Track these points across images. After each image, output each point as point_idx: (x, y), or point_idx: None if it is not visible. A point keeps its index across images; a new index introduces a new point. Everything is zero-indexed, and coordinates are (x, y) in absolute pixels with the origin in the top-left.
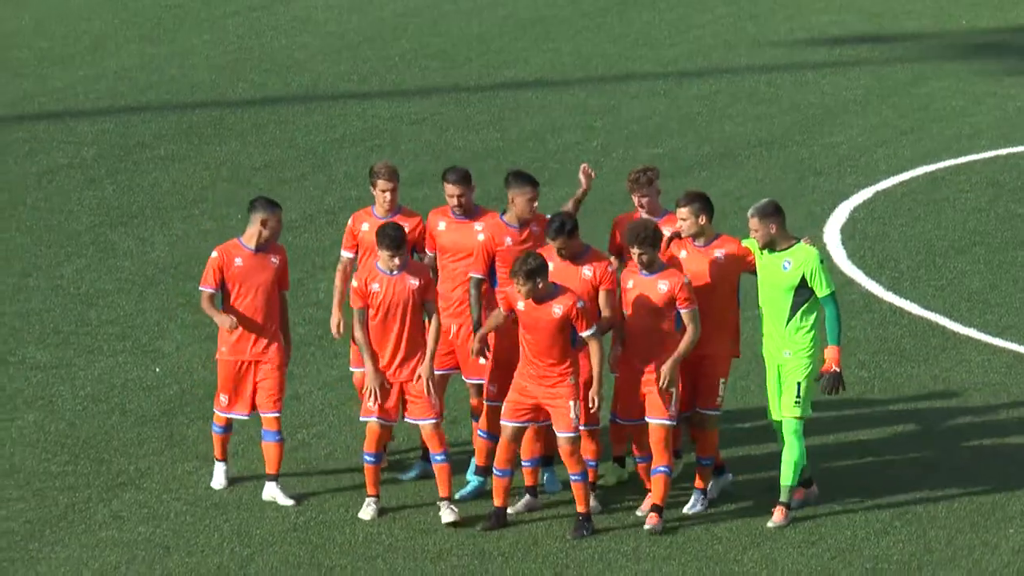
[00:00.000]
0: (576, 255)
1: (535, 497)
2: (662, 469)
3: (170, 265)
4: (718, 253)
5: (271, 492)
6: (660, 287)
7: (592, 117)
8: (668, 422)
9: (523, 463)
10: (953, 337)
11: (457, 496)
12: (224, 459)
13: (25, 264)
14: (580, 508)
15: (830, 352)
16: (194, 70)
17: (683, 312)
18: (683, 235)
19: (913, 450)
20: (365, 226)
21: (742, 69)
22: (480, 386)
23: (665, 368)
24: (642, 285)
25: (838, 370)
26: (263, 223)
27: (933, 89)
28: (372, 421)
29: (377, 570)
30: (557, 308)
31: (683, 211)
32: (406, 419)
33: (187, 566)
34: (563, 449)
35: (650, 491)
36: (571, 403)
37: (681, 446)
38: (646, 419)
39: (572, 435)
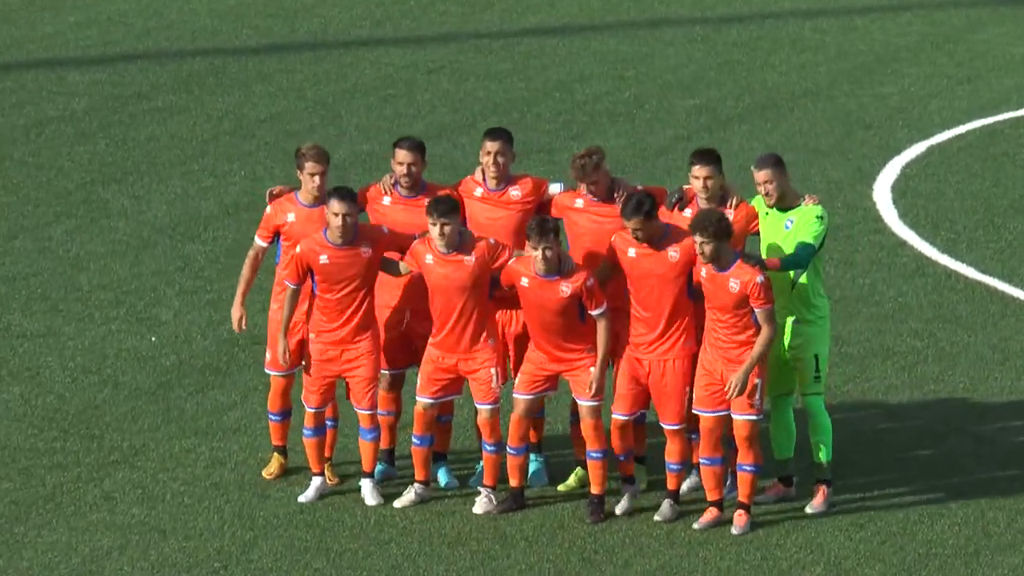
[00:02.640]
0: (656, 237)
1: (634, 484)
2: (749, 468)
3: (167, 226)
4: (728, 216)
5: (364, 488)
6: (732, 286)
7: (623, 66)
8: (754, 417)
9: (622, 457)
10: (1013, 303)
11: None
12: (321, 472)
13: (11, 225)
14: (595, 489)
15: (771, 260)
16: (194, 15)
17: (758, 311)
18: (704, 196)
19: (970, 424)
20: (291, 216)
21: (785, 14)
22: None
23: (735, 379)
24: (711, 281)
25: (763, 264)
26: (337, 215)
27: (991, 35)
28: (418, 401)
29: (390, 555)
30: (565, 287)
31: (707, 170)
32: (476, 404)
33: (184, 551)
34: (585, 422)
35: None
36: (592, 369)
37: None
38: (732, 414)
39: (596, 404)
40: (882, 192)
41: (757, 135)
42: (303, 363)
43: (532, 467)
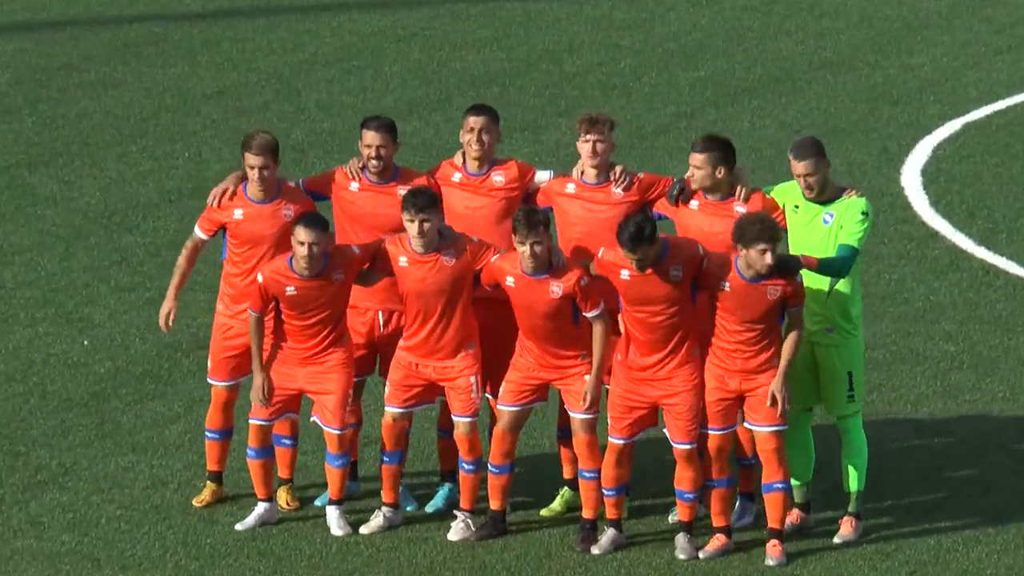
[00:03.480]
0: (657, 258)
1: (621, 531)
2: (779, 486)
3: (102, 214)
4: (739, 209)
5: (330, 516)
6: (771, 292)
7: (618, 33)
8: (782, 428)
9: (607, 492)
10: None
11: (428, 509)
12: (268, 497)
13: None
14: (587, 513)
15: (808, 258)
16: None
17: (792, 311)
18: (694, 187)
19: (1010, 439)
20: (237, 213)
21: None
22: None
23: (777, 390)
24: (743, 291)
25: (800, 261)
26: (303, 244)
27: None
28: (387, 412)
29: None
30: (556, 287)
31: (698, 159)
32: (453, 416)
33: None
34: (579, 438)
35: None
36: (587, 377)
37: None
38: (751, 426)
39: (591, 417)
40: (911, 176)
41: (770, 112)
42: (265, 389)
43: (443, 493)
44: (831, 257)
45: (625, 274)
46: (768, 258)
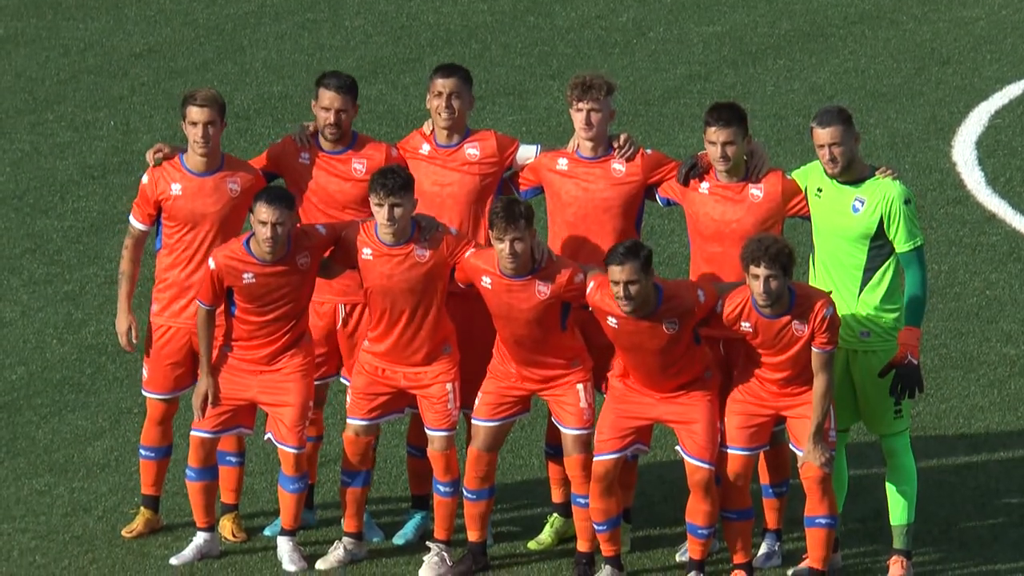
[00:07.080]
0: (647, 301)
1: (621, 569)
2: (825, 521)
3: (12, 194)
4: (755, 193)
5: (281, 549)
6: (796, 330)
7: None
8: (830, 453)
9: (597, 527)
10: None
11: (396, 540)
12: (210, 526)
13: None
14: (581, 546)
15: (907, 335)
16: None
17: (819, 352)
18: (720, 168)
19: None
20: (175, 187)
21: None
22: None
23: (814, 456)
24: (765, 331)
25: (915, 362)
26: (265, 224)
27: None
28: (349, 424)
29: None
30: (543, 287)
31: (725, 133)
32: (426, 429)
33: None
34: (571, 458)
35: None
36: (579, 387)
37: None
38: (795, 450)
39: (585, 431)
40: (964, 149)
41: (797, 73)
42: (211, 395)
43: (413, 522)
44: (913, 291)
45: (612, 321)
46: (761, 286)
